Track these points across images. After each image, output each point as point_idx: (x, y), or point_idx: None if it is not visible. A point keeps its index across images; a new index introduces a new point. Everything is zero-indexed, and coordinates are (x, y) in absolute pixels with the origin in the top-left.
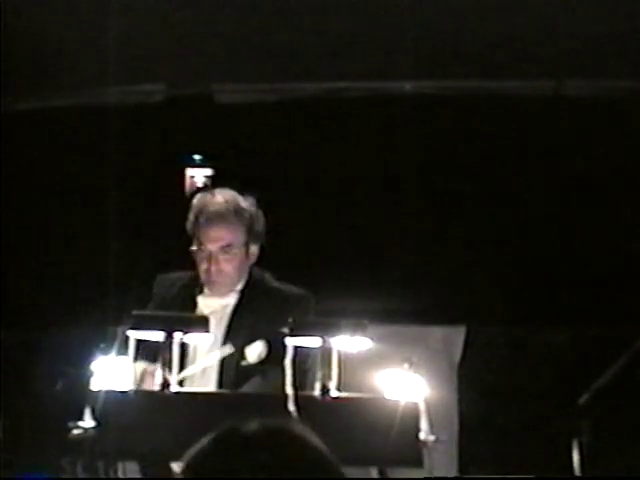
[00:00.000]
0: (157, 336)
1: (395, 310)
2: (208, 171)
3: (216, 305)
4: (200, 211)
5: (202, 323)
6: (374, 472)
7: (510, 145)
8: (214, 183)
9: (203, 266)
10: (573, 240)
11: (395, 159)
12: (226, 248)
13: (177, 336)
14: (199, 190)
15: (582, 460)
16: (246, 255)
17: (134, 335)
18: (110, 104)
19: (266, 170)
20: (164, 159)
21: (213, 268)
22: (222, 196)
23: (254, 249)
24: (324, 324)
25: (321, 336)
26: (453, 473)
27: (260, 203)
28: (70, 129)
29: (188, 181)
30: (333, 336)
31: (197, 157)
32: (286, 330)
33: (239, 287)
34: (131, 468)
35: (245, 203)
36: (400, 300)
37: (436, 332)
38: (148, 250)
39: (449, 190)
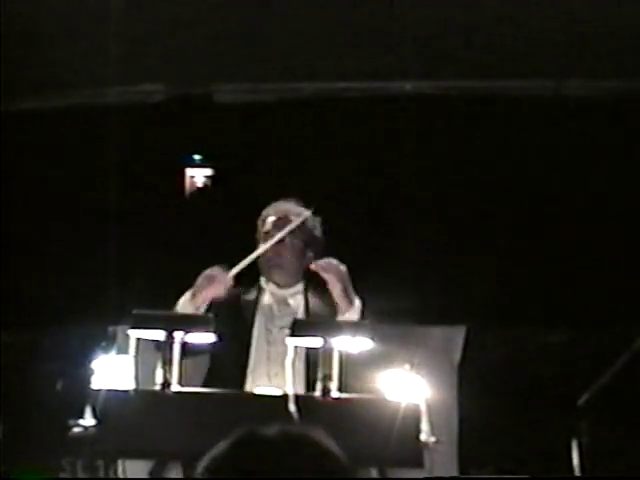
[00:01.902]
0: (158, 335)
1: (395, 310)
2: (208, 171)
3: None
4: None
5: (204, 322)
6: (375, 472)
7: (510, 145)
8: (214, 183)
9: None
10: (573, 240)
11: (395, 159)
12: None
13: (178, 336)
14: (199, 190)
15: (582, 460)
16: None
17: (134, 334)
18: (110, 104)
19: (266, 170)
20: (164, 159)
21: None
22: None
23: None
24: (325, 324)
25: (322, 336)
26: (453, 473)
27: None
28: (70, 129)
29: (188, 181)
30: (334, 336)
31: (197, 157)
32: None
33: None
34: (131, 467)
35: None
36: (400, 300)
37: (436, 332)
38: (148, 250)
39: (449, 190)
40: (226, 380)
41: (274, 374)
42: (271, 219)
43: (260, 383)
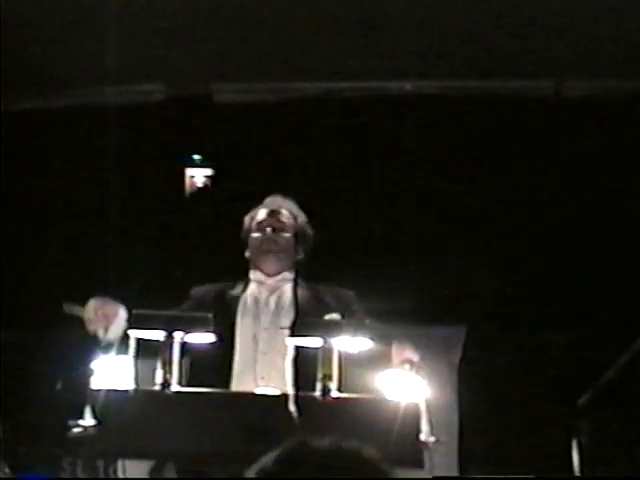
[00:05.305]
0: (157, 335)
1: (395, 310)
2: (208, 171)
3: None
4: None
5: (204, 322)
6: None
7: (510, 145)
8: (214, 183)
9: None
10: (572, 240)
11: (395, 159)
12: None
13: (177, 336)
14: (199, 190)
15: (582, 460)
16: None
17: (134, 334)
18: (110, 104)
19: (266, 170)
20: (164, 159)
21: None
22: None
23: None
24: (325, 324)
25: (322, 336)
26: (453, 473)
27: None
28: (70, 129)
29: (188, 181)
30: (334, 336)
31: (197, 157)
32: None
33: None
34: (131, 467)
35: None
36: (400, 300)
37: (436, 332)
38: (148, 250)
39: (449, 190)
40: (212, 381)
41: (260, 377)
42: (264, 211)
43: (247, 385)
